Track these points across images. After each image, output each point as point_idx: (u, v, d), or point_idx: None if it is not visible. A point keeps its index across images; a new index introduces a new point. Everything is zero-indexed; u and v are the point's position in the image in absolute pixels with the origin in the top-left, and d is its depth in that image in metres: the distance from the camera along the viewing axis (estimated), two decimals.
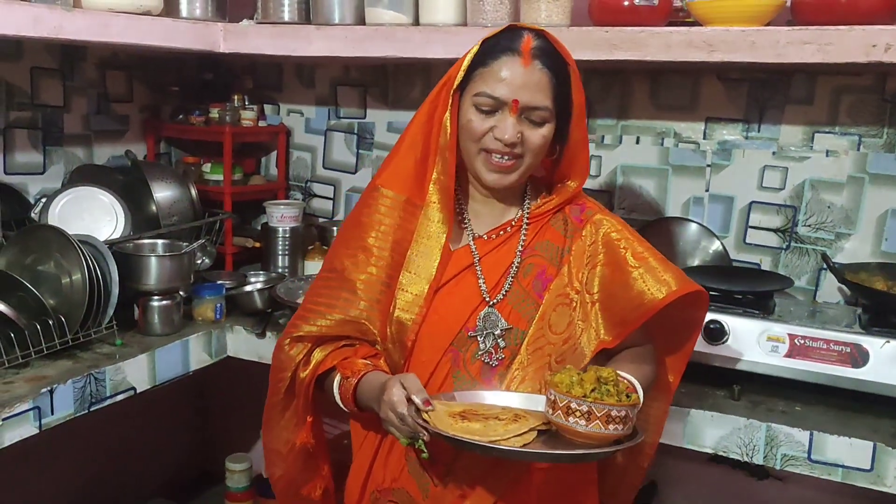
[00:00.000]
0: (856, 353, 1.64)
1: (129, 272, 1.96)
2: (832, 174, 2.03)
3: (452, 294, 1.42)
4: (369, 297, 1.42)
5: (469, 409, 1.29)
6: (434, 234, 1.40)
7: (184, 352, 2.02)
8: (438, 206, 1.40)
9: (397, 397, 1.26)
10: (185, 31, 2.12)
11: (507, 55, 1.35)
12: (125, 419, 2.66)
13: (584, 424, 1.20)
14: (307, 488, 1.61)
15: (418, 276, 1.40)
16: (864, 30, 1.60)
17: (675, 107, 2.17)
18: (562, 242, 1.45)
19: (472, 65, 1.38)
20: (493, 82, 1.35)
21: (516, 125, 1.34)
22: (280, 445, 1.56)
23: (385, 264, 1.42)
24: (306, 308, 1.48)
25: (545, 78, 1.35)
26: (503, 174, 1.38)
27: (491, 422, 1.24)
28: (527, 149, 1.37)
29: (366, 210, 1.46)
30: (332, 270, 1.49)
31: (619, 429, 1.22)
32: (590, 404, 1.20)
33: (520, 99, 1.33)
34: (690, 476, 2.21)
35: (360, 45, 2.07)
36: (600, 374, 1.24)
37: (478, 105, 1.36)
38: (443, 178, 1.40)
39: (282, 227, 2.44)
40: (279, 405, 1.52)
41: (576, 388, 1.22)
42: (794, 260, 2.10)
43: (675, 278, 1.38)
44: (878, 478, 1.52)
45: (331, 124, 2.65)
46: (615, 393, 1.22)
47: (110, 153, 2.53)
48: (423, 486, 1.40)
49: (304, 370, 1.46)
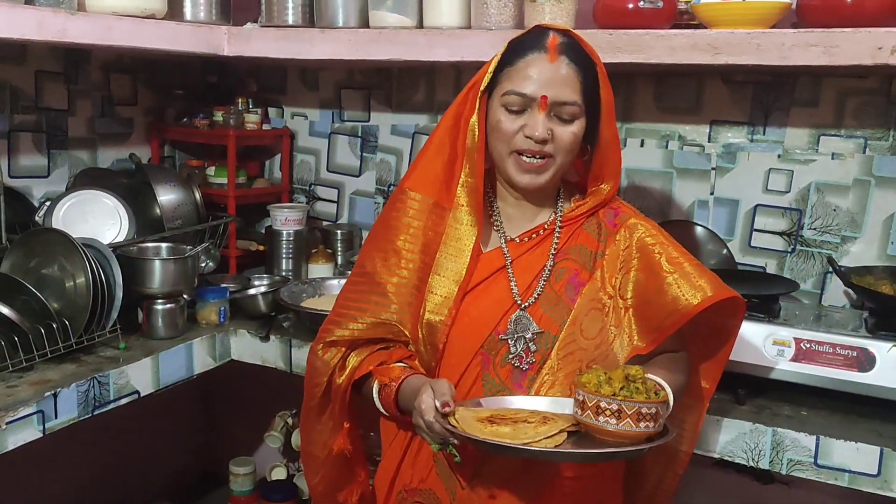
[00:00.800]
0: (862, 357, 1.62)
1: (133, 275, 1.97)
2: (838, 177, 2.02)
3: (483, 297, 1.41)
4: (400, 300, 1.41)
5: (497, 413, 1.28)
6: (464, 236, 1.40)
7: (188, 355, 2.01)
8: (467, 209, 1.40)
9: (426, 404, 1.25)
10: (188, 34, 2.12)
11: (533, 53, 1.35)
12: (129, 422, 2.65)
13: (614, 423, 1.20)
14: (343, 494, 1.61)
15: (447, 279, 1.40)
16: (869, 32, 1.59)
17: (679, 109, 2.16)
18: (595, 247, 1.44)
19: (499, 65, 1.39)
20: (520, 80, 1.35)
21: (546, 122, 1.34)
22: (317, 450, 1.56)
23: (415, 267, 1.42)
24: (338, 313, 1.48)
25: (572, 73, 1.35)
26: (535, 175, 1.38)
27: (520, 425, 1.23)
28: (558, 147, 1.36)
29: (394, 213, 1.46)
30: (362, 274, 1.48)
31: (651, 426, 1.21)
32: (619, 402, 1.19)
33: (548, 95, 1.33)
34: (695, 480, 2.18)
35: (363, 48, 2.07)
36: (628, 372, 1.23)
37: (506, 105, 1.36)
38: (471, 181, 1.40)
39: (286, 231, 2.44)
40: (315, 409, 1.52)
41: (604, 387, 1.21)
42: (799, 263, 2.09)
43: (711, 284, 1.37)
44: (886, 483, 1.51)
45: (335, 127, 2.65)
46: (644, 391, 1.21)
47: (114, 156, 2.54)
48: (451, 488, 1.40)
49: (339, 376, 1.46)
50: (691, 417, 1.54)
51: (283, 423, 2.67)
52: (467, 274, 1.39)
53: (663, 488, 1.58)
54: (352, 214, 2.67)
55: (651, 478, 1.58)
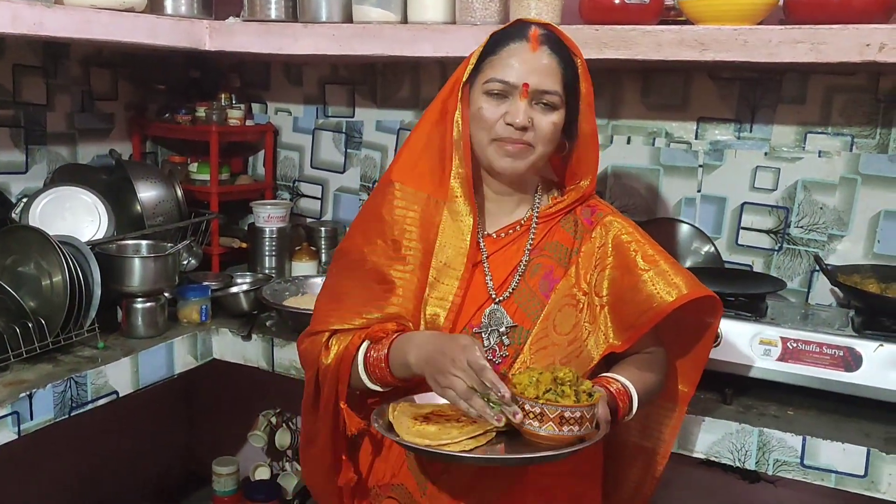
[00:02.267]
0: (849, 356, 1.61)
1: (113, 274, 1.93)
2: (824, 175, 2.01)
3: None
4: (406, 292, 1.40)
5: (437, 410, 1.28)
6: (464, 225, 1.40)
7: (168, 355, 1.98)
8: (463, 199, 1.40)
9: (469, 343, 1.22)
10: (169, 28, 2.09)
11: (515, 42, 1.37)
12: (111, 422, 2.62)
13: (536, 426, 1.19)
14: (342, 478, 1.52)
15: (450, 268, 1.40)
16: (857, 29, 1.57)
17: (666, 106, 2.15)
18: (571, 244, 1.45)
19: (481, 56, 1.40)
20: (502, 68, 1.36)
21: (527, 110, 1.35)
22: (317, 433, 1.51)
23: (416, 259, 1.41)
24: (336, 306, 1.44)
25: (554, 63, 1.37)
26: (514, 159, 1.38)
27: (450, 424, 1.23)
28: (538, 136, 1.36)
29: (386, 206, 1.44)
30: (358, 263, 1.45)
31: (575, 430, 1.19)
32: (542, 406, 1.18)
33: (530, 82, 1.34)
34: (681, 479, 2.18)
35: (347, 43, 2.04)
36: (557, 374, 1.22)
37: (488, 91, 1.37)
38: (462, 171, 1.40)
39: (269, 228, 2.41)
40: (312, 395, 1.48)
41: (529, 390, 1.20)
42: (786, 261, 2.08)
43: (686, 282, 1.37)
44: (872, 484, 1.50)
45: (319, 123, 2.62)
46: (571, 394, 1.20)
47: (95, 152, 2.50)
48: (422, 482, 1.39)
49: (326, 356, 1.41)
50: (671, 418, 1.53)
51: (267, 423, 2.64)
52: (468, 261, 1.39)
53: (642, 492, 1.58)
54: (336, 211, 2.64)
55: (629, 481, 1.57)
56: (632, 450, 1.56)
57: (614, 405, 1.30)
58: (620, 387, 1.33)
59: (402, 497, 1.41)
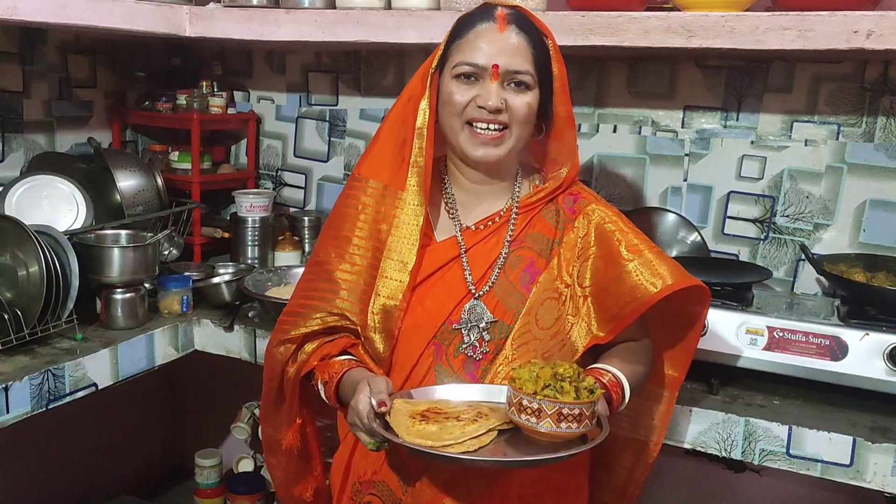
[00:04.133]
0: (835, 345, 1.61)
1: (91, 264, 1.90)
2: (811, 164, 2.00)
3: (437, 286, 1.38)
4: (349, 287, 1.39)
5: (434, 407, 1.24)
6: (412, 218, 1.37)
7: (148, 346, 1.95)
8: (416, 190, 1.37)
9: (363, 404, 1.23)
10: (148, 13, 2.05)
11: (482, 24, 1.34)
12: (93, 415, 2.60)
13: (534, 422, 1.16)
14: (299, 488, 1.59)
15: (400, 262, 1.37)
16: (845, 15, 1.56)
17: (652, 94, 2.13)
18: (552, 234, 1.41)
19: (449, 41, 1.37)
20: (470, 51, 1.33)
21: (499, 92, 1.32)
22: (275, 443, 1.55)
23: (366, 253, 1.39)
24: (292, 309, 1.45)
25: (523, 43, 1.34)
26: (490, 147, 1.34)
27: (450, 423, 1.19)
28: (513, 118, 1.34)
29: (345, 201, 1.44)
30: (315, 264, 1.46)
31: (574, 427, 1.16)
32: (539, 402, 1.15)
33: (499, 63, 1.32)
34: (667, 469, 2.18)
35: (330, 29, 2.01)
36: (557, 370, 1.19)
37: (458, 75, 1.34)
38: (420, 161, 1.37)
39: (251, 217, 2.38)
40: (273, 402, 1.51)
41: (528, 385, 1.18)
42: (772, 251, 2.08)
43: (671, 272, 1.34)
44: (858, 473, 1.50)
45: (302, 111, 2.59)
46: (571, 390, 1.17)
47: (73, 140, 2.46)
48: (403, 480, 1.37)
49: (291, 366, 1.44)
50: (660, 407, 1.52)
51: (251, 415, 2.61)
52: (419, 257, 1.36)
53: (634, 479, 1.56)
54: (319, 201, 2.61)
55: (621, 469, 1.56)
56: (623, 439, 1.54)
57: (608, 397, 1.28)
58: (613, 378, 1.31)
59: (384, 494, 1.39)
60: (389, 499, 1.38)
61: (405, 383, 1.36)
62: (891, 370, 1.56)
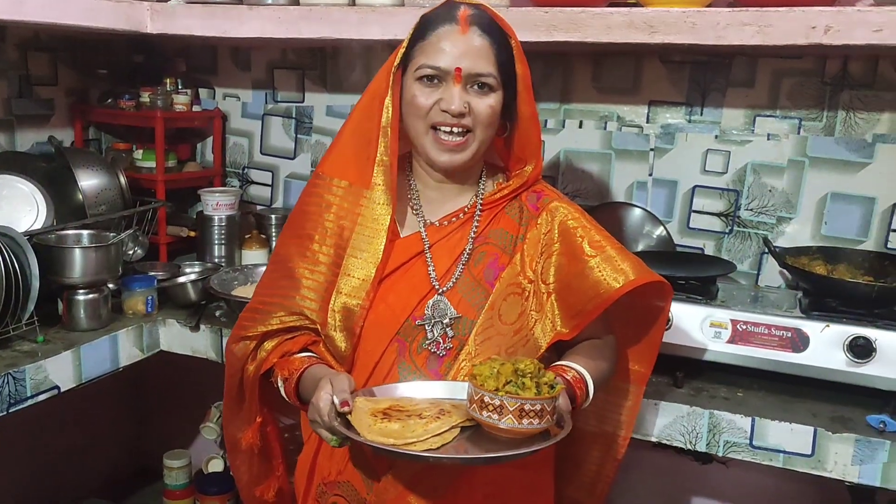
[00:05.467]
0: (796, 337, 1.63)
1: (52, 265, 1.87)
2: (773, 158, 2.03)
3: (400, 282, 1.38)
4: (310, 285, 1.38)
5: (395, 404, 1.24)
6: (379, 216, 1.36)
7: (112, 347, 1.93)
8: (382, 188, 1.36)
9: (324, 402, 1.22)
10: (108, 10, 2.01)
11: (444, 25, 1.33)
12: (59, 417, 2.56)
13: (496, 419, 1.15)
14: (261, 489, 1.59)
15: (364, 261, 1.35)
16: (803, 11, 1.58)
17: (617, 90, 2.14)
18: (516, 230, 1.41)
19: (412, 41, 1.36)
20: (433, 53, 1.32)
21: (462, 95, 1.31)
22: (237, 442, 1.54)
23: (328, 251, 1.38)
24: (253, 307, 1.44)
25: (486, 44, 1.32)
26: (454, 153, 1.34)
27: (412, 420, 1.18)
28: (476, 121, 1.33)
29: (307, 199, 1.42)
30: (276, 262, 1.46)
31: (536, 423, 1.16)
32: (501, 398, 1.15)
33: (462, 66, 1.30)
34: (635, 462, 2.20)
35: (293, 25, 2.00)
36: (518, 366, 1.18)
37: (420, 78, 1.33)
38: (385, 159, 1.36)
39: (217, 216, 2.36)
40: (234, 400, 1.50)
41: (489, 382, 1.17)
42: (736, 244, 2.10)
43: (633, 268, 1.35)
44: (819, 462, 1.52)
45: (268, 109, 2.57)
46: (532, 386, 1.16)
47: (34, 139, 2.41)
48: (368, 479, 1.36)
49: (251, 365, 1.43)
50: (627, 403, 1.53)
51: (219, 414, 2.58)
52: (384, 256, 1.35)
53: (603, 475, 1.57)
54: (287, 198, 2.59)
55: (590, 466, 1.57)
56: (590, 434, 1.55)
57: (572, 393, 1.28)
58: (576, 374, 1.31)
59: (349, 495, 1.38)
60: (354, 499, 1.37)
61: (368, 381, 1.35)
62: (851, 361, 1.58)
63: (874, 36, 1.54)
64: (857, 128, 1.93)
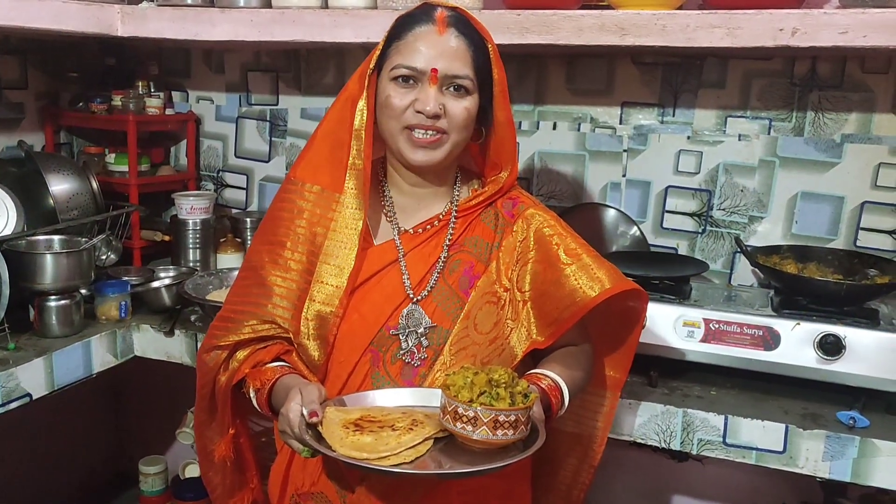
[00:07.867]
0: (768, 335, 1.65)
1: (23, 271, 1.85)
2: (744, 158, 2.05)
3: (374, 291, 1.36)
4: (282, 293, 1.35)
5: (367, 415, 1.21)
6: (350, 222, 1.34)
7: (85, 354, 1.91)
8: (354, 192, 1.34)
9: (293, 412, 1.20)
10: (77, 13, 1.99)
11: (421, 26, 1.31)
12: (33, 424, 2.53)
13: (470, 430, 1.14)
14: (235, 500, 1.57)
15: (337, 268, 1.33)
16: (771, 14, 1.60)
17: (591, 91, 2.15)
18: (491, 238, 1.40)
19: (388, 42, 1.34)
20: (409, 53, 1.30)
21: (437, 97, 1.29)
22: (210, 454, 1.51)
23: (301, 258, 1.35)
24: (224, 315, 1.41)
25: (463, 46, 1.31)
26: (429, 150, 1.32)
27: (384, 432, 1.16)
28: (451, 124, 1.31)
29: (279, 204, 1.40)
30: (247, 269, 1.43)
31: (510, 434, 1.14)
32: (475, 409, 1.13)
33: (438, 67, 1.29)
34: (612, 460, 2.21)
35: (266, 28, 1.99)
36: (492, 376, 1.16)
37: (395, 78, 1.31)
38: (358, 163, 1.34)
39: (192, 220, 2.35)
40: (206, 411, 1.47)
41: (463, 392, 1.15)
42: (709, 244, 2.12)
43: (609, 276, 1.34)
44: (791, 459, 1.54)
45: (242, 111, 2.55)
46: (506, 395, 1.15)
47: (3, 144, 2.38)
48: (342, 490, 1.34)
49: (223, 375, 1.40)
50: (603, 409, 1.53)
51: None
52: (357, 262, 1.33)
53: (579, 482, 1.57)
54: (262, 201, 2.58)
55: (566, 472, 1.57)
56: (567, 441, 1.55)
57: (547, 402, 1.27)
58: (551, 382, 1.30)
59: None
60: None
61: (342, 391, 1.33)
62: (821, 358, 1.60)
63: (840, 38, 1.56)
64: (826, 128, 1.96)
